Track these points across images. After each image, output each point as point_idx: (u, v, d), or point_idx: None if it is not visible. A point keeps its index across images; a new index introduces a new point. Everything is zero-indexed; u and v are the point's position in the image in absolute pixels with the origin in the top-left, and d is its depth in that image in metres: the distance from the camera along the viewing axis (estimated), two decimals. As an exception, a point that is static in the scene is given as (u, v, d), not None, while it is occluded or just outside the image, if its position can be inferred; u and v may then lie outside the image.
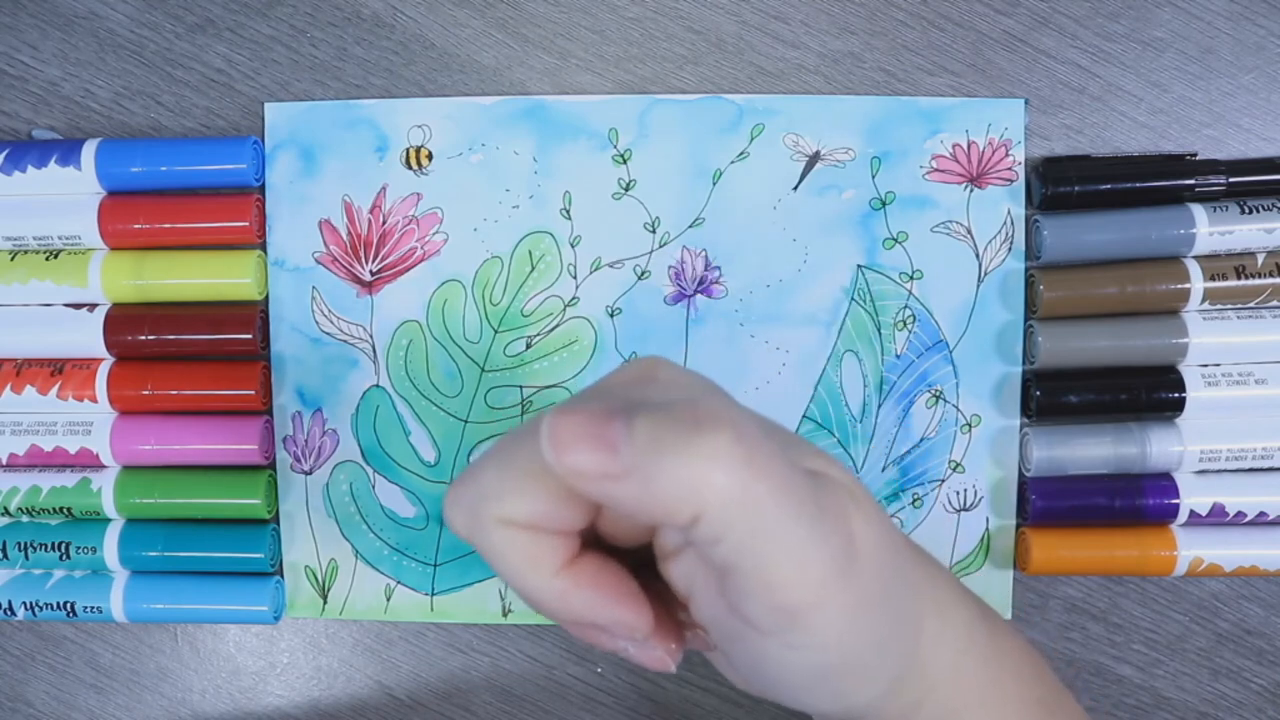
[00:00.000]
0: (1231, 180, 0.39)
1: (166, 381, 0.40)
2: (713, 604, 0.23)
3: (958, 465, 0.41)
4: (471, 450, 0.41)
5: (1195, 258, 0.39)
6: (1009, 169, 0.40)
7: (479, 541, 0.23)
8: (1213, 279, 0.39)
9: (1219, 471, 0.40)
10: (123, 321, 0.40)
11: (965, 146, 0.40)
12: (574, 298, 0.41)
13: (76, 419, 0.40)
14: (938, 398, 0.41)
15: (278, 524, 0.42)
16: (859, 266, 0.41)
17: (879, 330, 0.41)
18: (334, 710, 0.43)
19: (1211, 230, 0.38)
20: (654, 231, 0.41)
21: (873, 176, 0.40)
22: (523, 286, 0.41)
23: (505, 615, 0.42)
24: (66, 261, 0.40)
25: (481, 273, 0.41)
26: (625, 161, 0.40)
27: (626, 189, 0.41)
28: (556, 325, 0.41)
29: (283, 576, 0.42)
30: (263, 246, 0.41)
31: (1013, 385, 0.41)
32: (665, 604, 0.25)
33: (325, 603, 0.42)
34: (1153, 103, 0.40)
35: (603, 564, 0.24)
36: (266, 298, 0.41)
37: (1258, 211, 0.39)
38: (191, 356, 0.41)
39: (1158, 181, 0.39)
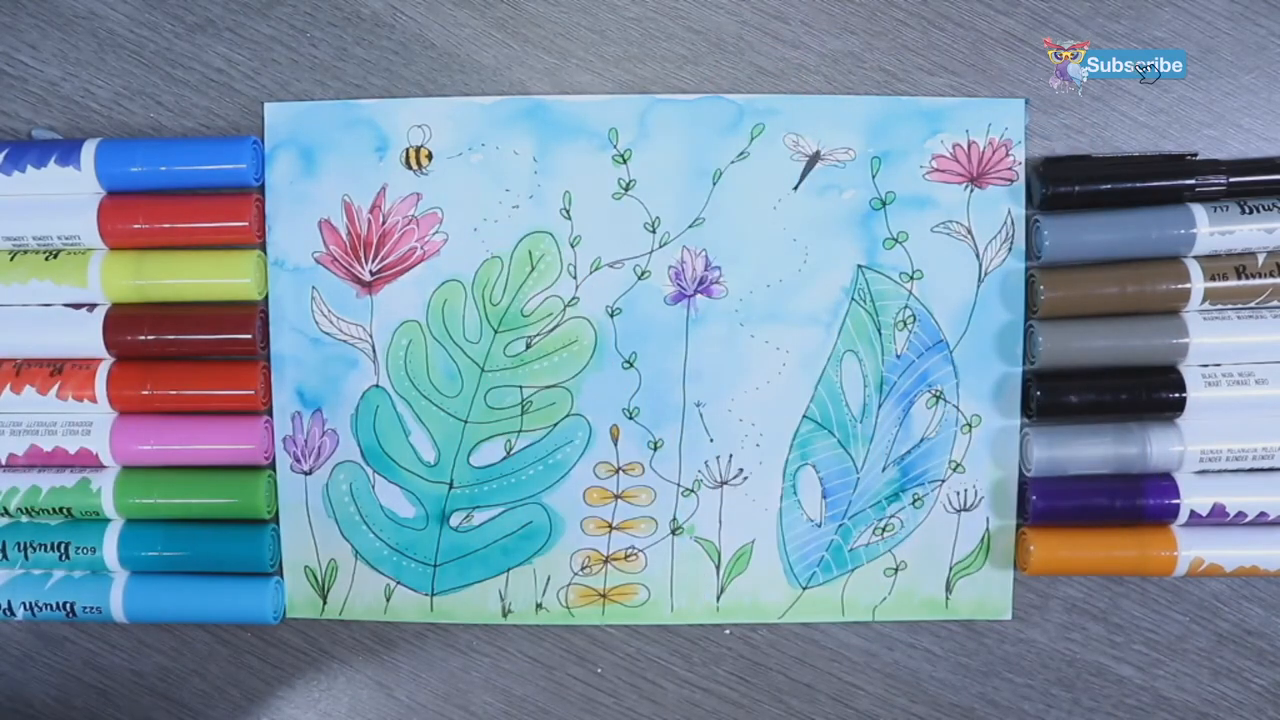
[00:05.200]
0: (1232, 180, 0.39)
1: (166, 381, 0.40)
2: None
3: (958, 465, 0.41)
4: (471, 450, 0.41)
5: (1195, 258, 0.39)
6: (1009, 169, 0.40)
7: None
8: (1213, 279, 0.39)
9: (1219, 471, 0.40)
10: (122, 321, 0.40)
11: (965, 146, 0.40)
12: (574, 298, 0.41)
13: (76, 419, 0.40)
14: (938, 398, 0.41)
15: (278, 524, 0.42)
16: (859, 266, 0.41)
17: (879, 330, 0.41)
18: (334, 710, 0.43)
19: (1212, 230, 0.38)
20: (654, 231, 0.41)
21: (873, 176, 0.40)
22: (523, 286, 0.41)
23: (505, 615, 0.42)
24: (66, 261, 0.40)
25: (481, 273, 0.41)
26: (625, 161, 0.40)
27: (626, 189, 0.41)
28: (556, 325, 0.41)
29: (283, 576, 0.42)
30: (262, 246, 0.41)
31: (1013, 385, 0.41)
32: None
33: (325, 603, 0.42)
34: (1153, 103, 0.40)
35: None
36: (266, 298, 0.41)
37: (1258, 211, 0.39)
38: (191, 356, 0.41)
39: (1158, 181, 0.39)
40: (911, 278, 0.41)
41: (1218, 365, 0.40)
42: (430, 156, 0.41)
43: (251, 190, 0.40)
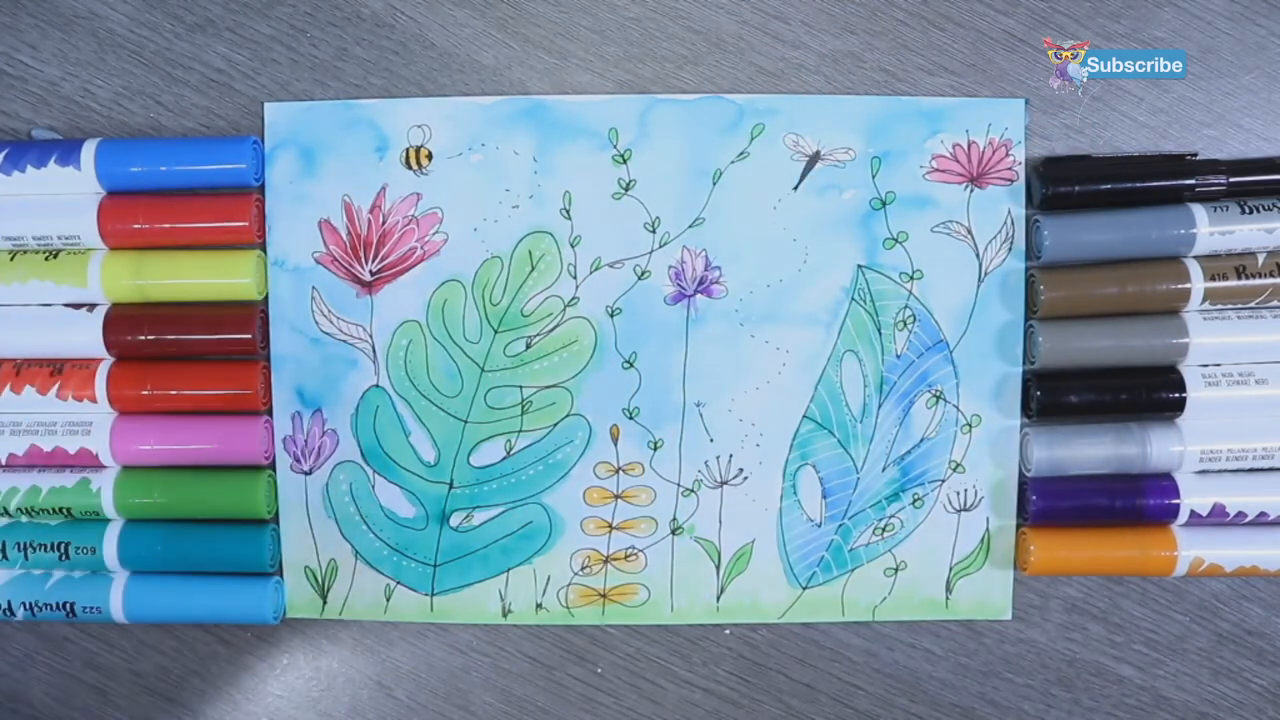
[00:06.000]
0: (1232, 180, 0.39)
1: (166, 381, 0.40)
2: None
3: (958, 465, 0.41)
4: (471, 450, 0.41)
5: (1195, 258, 0.39)
6: (1009, 169, 0.40)
7: None
8: (1213, 279, 0.39)
9: (1219, 471, 0.40)
10: (122, 321, 0.40)
11: (965, 146, 0.40)
12: (574, 298, 0.41)
13: (76, 419, 0.40)
14: (938, 398, 0.41)
15: (278, 524, 0.42)
16: (859, 266, 0.41)
17: (879, 330, 0.41)
18: (334, 710, 0.43)
19: (1212, 230, 0.38)
20: (654, 231, 0.41)
21: (873, 176, 0.40)
22: (523, 286, 0.41)
23: (505, 615, 0.42)
24: (66, 261, 0.40)
25: (481, 273, 0.41)
26: (625, 161, 0.40)
27: (626, 189, 0.41)
28: (556, 325, 0.41)
29: (282, 576, 0.42)
30: (262, 246, 0.41)
31: (1013, 385, 0.41)
32: None
33: (325, 603, 0.42)
34: (1153, 103, 0.40)
35: None
36: (266, 298, 0.41)
37: (1258, 211, 0.39)
38: (191, 356, 0.41)
39: (1158, 181, 0.39)
40: (911, 278, 0.41)
41: (1218, 365, 0.40)
42: (430, 156, 0.41)
43: (251, 190, 0.40)
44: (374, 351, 0.41)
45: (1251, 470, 0.40)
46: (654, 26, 0.40)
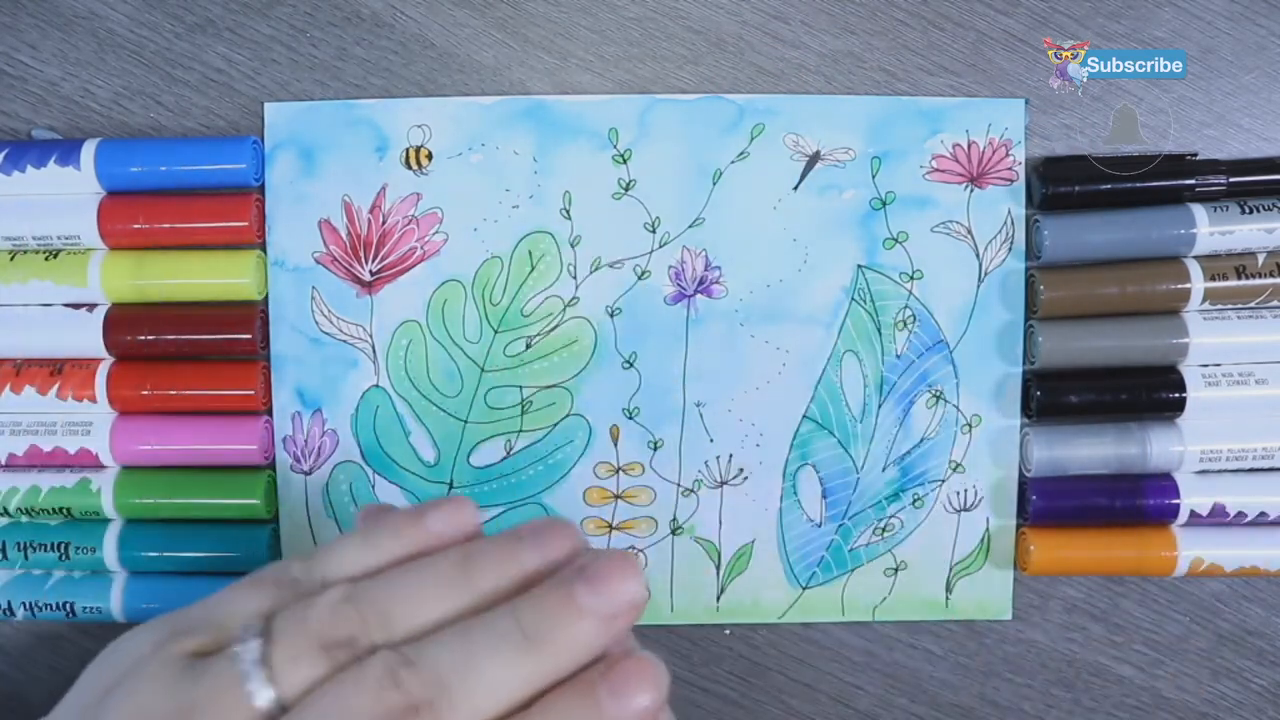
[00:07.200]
0: (1232, 180, 0.39)
1: (166, 381, 0.40)
2: None
3: (958, 465, 0.41)
4: (471, 450, 0.41)
5: (1196, 258, 0.39)
6: (1009, 169, 0.40)
7: None
8: (1213, 279, 0.39)
9: (1219, 471, 0.40)
10: (122, 321, 0.40)
11: (965, 146, 0.40)
12: (574, 298, 0.41)
13: (76, 419, 0.40)
14: (938, 398, 0.41)
15: (278, 524, 0.42)
16: (859, 266, 0.41)
17: (879, 330, 0.41)
18: (334, 710, 0.43)
19: (1212, 230, 0.38)
20: (654, 231, 0.41)
21: (873, 176, 0.40)
22: (523, 286, 0.41)
23: (505, 615, 0.42)
24: (66, 261, 0.40)
25: (481, 273, 0.41)
26: (625, 161, 0.40)
27: (626, 189, 0.41)
28: (556, 325, 0.41)
29: (282, 577, 0.42)
30: (262, 246, 0.41)
31: (1013, 385, 0.41)
32: None
33: (325, 603, 0.42)
34: (1153, 103, 0.40)
35: None
36: (266, 298, 0.41)
37: (1258, 211, 0.39)
38: (191, 356, 0.41)
39: (1158, 181, 0.39)
40: (911, 278, 0.41)
41: (1218, 365, 0.40)
42: (430, 156, 0.41)
43: (251, 190, 0.40)
44: (374, 351, 0.41)
45: (1251, 470, 0.40)
46: (654, 26, 0.40)
